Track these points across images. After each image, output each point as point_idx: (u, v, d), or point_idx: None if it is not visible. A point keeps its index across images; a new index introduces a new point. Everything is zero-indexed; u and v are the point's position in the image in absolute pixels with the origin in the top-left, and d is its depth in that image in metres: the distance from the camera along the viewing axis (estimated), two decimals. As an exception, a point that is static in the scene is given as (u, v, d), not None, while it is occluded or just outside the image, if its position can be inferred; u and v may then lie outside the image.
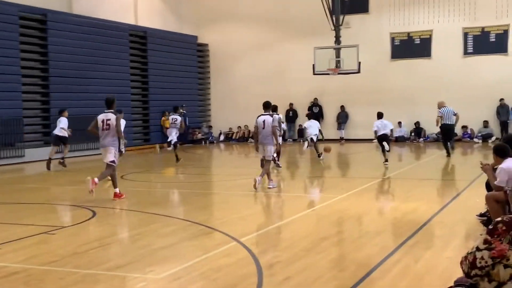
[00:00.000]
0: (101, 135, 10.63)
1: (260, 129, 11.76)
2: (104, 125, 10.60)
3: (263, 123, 11.75)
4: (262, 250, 6.66)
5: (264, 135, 11.74)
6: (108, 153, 10.61)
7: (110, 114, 10.67)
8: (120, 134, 10.71)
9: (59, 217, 9.31)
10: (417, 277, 5.64)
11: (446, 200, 10.21)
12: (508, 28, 23.98)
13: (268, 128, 11.67)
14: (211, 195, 12.07)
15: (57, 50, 20.45)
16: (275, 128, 11.73)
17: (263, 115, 11.92)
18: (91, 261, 6.37)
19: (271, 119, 11.76)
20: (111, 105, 10.85)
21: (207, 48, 29.18)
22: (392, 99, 25.24)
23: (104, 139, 10.62)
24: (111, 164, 10.65)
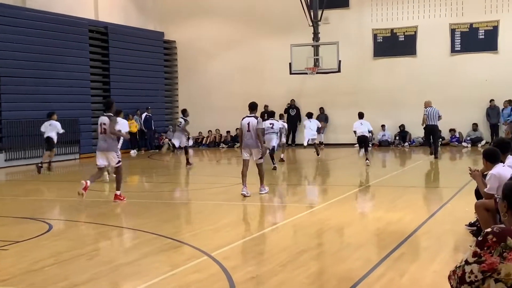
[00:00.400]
0: (99, 139, 11.55)
1: (244, 132, 12.06)
2: (101, 129, 11.41)
3: (247, 125, 12.01)
4: (235, 265, 6.65)
5: (248, 137, 12.02)
6: (111, 157, 11.53)
7: (105, 117, 11.45)
8: (115, 134, 11.55)
9: (11, 231, 9.16)
10: (402, 292, 5.69)
11: (433, 209, 10.34)
12: (498, 24, 24.43)
13: (253, 130, 11.96)
14: (179, 205, 12.01)
15: (8, 48, 20.15)
16: (259, 130, 12.02)
17: (248, 117, 12.16)
18: (47, 279, 6.28)
19: (255, 121, 12.04)
20: (110, 108, 11.70)
21: (174, 46, 29.11)
22: (375, 100, 25.51)
23: (103, 142, 11.48)
24: (118, 166, 11.62)
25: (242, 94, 27.55)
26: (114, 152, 11.50)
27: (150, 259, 7.14)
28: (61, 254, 7.37)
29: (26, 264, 6.89)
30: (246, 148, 12.08)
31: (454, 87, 24.67)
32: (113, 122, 11.38)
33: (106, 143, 11.43)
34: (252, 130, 11.97)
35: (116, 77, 24.91)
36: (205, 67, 28.35)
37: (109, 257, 7.19)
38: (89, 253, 7.47)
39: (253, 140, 12.00)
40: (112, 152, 11.48)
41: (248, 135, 12.00)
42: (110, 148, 11.47)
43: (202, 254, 7.18)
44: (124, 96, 25.07)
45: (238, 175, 16.12)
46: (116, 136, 11.64)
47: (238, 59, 27.62)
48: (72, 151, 22.59)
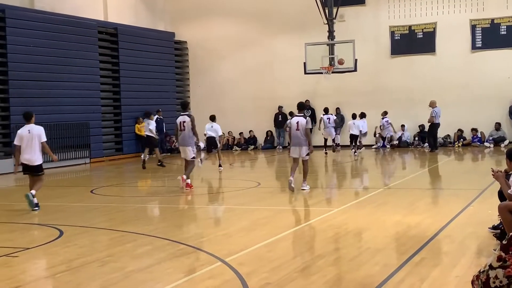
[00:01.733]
0: (179, 135, 13.93)
1: (293, 131, 13.12)
2: (181, 127, 13.85)
3: (296, 124, 13.08)
4: (250, 271, 6.67)
5: (297, 136, 13.07)
6: (188, 151, 13.84)
7: (185, 116, 13.89)
8: (196, 134, 13.97)
9: (22, 238, 9.25)
10: (423, 298, 5.67)
11: (454, 211, 10.29)
12: (520, 20, 24.25)
13: (302, 129, 13.00)
14: (192, 210, 12.06)
15: (17, 51, 20.35)
16: (308, 130, 13.11)
17: (297, 116, 13.21)
18: (58, 286, 6.34)
19: (304, 120, 13.08)
20: (186, 108, 14.35)
21: (185, 46, 29.22)
22: (393, 100, 25.42)
23: (182, 139, 13.87)
24: (192, 160, 13.99)
25: (255, 95, 27.65)
26: (190, 147, 13.80)
27: (163, 265, 7.18)
28: (72, 261, 7.43)
29: (37, 271, 6.97)
30: (295, 146, 13.11)
31: (476, 86, 24.52)
32: (193, 120, 13.80)
33: (184, 138, 13.80)
34: (301, 129, 12.96)
35: (126, 79, 25.05)
36: (217, 68, 28.43)
37: (121, 264, 7.24)
38: (101, 259, 7.53)
39: (301, 138, 12.99)
40: (189, 146, 13.80)
41: (297, 133, 13.02)
42: (188, 143, 13.80)
43: (216, 260, 7.20)
44: (134, 99, 25.22)
45: (251, 178, 16.20)
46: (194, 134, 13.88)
47: (250, 59, 27.66)
48: (82, 155, 22.73)
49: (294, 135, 13.10)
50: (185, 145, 13.82)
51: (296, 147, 13.08)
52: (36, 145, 11.43)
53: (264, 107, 27.59)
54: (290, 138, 13.34)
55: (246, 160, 23.71)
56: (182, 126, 13.79)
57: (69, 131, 22.04)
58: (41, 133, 11.55)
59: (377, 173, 17.13)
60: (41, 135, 11.52)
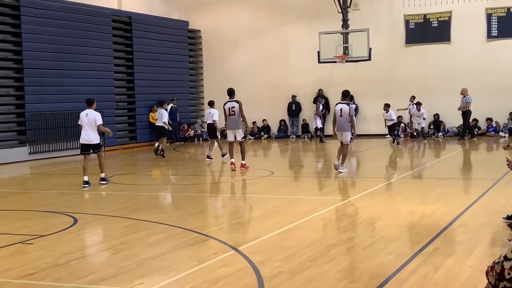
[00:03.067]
0: (229, 120, 15.34)
1: (337, 117, 14.27)
2: (230, 112, 15.31)
3: (340, 111, 14.21)
4: (263, 260, 6.68)
5: (340, 122, 14.21)
6: (238, 134, 15.40)
7: (234, 102, 15.36)
8: (244, 118, 15.50)
9: (36, 225, 9.33)
10: (437, 287, 5.66)
11: (468, 201, 10.23)
12: (537, 8, 23.97)
13: (345, 116, 14.12)
14: (206, 199, 12.09)
15: (31, 39, 20.45)
16: (352, 117, 14.26)
17: (341, 103, 14.30)
18: (72, 273, 6.39)
19: (347, 108, 14.19)
20: (232, 94, 15.61)
21: (199, 35, 29.19)
22: (407, 89, 25.25)
23: (232, 123, 15.33)
24: (242, 141, 15.54)
25: (268, 84, 27.61)
26: (240, 129, 15.32)
27: (176, 253, 7.21)
28: (86, 248, 7.49)
29: (52, 258, 7.02)
30: (339, 131, 14.28)
31: (491, 75, 24.30)
32: (241, 105, 15.28)
33: (235, 122, 15.28)
34: (344, 115, 14.09)
35: (140, 67, 25.09)
36: (230, 57, 28.39)
37: (135, 251, 7.28)
38: (115, 247, 7.57)
39: (344, 124, 14.13)
40: (239, 129, 15.33)
41: (340, 120, 14.17)
42: (238, 126, 15.30)
43: (229, 249, 7.22)
44: (148, 87, 25.26)
45: (264, 167, 16.20)
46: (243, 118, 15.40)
47: (264, 47, 27.58)
48: (96, 143, 22.79)
49: (337, 121, 14.27)
50: (236, 128, 15.32)
51: (340, 132, 14.28)
52: (93, 127, 13.08)
53: (278, 96, 27.55)
54: (334, 124, 14.52)
55: (259, 149, 23.70)
56: (231, 111, 15.25)
57: (83, 120, 22.09)
58: (97, 117, 13.10)
59: (392, 163, 17.07)
60: (96, 119, 13.08)
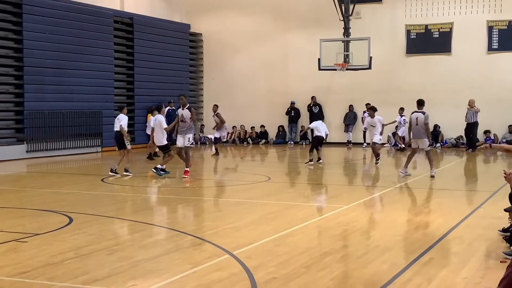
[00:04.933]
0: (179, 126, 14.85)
1: (413, 125, 14.74)
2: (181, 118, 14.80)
3: (416, 120, 14.68)
4: (257, 265, 6.67)
5: (417, 130, 14.65)
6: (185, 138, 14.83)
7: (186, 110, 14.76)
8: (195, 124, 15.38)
9: (31, 223, 9.31)
10: (430, 298, 5.65)
11: (464, 213, 10.24)
12: (538, 22, 24.03)
13: (421, 124, 14.57)
14: (201, 202, 12.08)
15: (33, 38, 20.45)
16: (427, 125, 14.69)
17: (417, 112, 14.83)
18: (66, 273, 6.37)
19: (423, 116, 14.63)
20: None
21: (200, 38, 29.23)
22: (407, 99, 25.17)
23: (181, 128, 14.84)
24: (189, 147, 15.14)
25: (268, 90, 27.65)
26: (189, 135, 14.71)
27: (170, 256, 7.20)
28: (81, 248, 7.47)
29: (46, 257, 7.00)
30: (415, 139, 14.76)
31: (490, 87, 24.36)
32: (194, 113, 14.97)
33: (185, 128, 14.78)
34: (420, 124, 14.55)
35: (140, 69, 25.10)
36: (231, 61, 28.42)
37: (129, 253, 7.27)
38: (109, 248, 7.56)
39: (420, 132, 14.58)
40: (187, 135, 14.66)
41: (417, 128, 14.61)
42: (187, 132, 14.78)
43: (223, 253, 7.21)
44: (148, 89, 25.27)
45: (262, 172, 16.19)
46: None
47: (265, 53, 27.63)
48: (94, 144, 22.83)
49: (414, 129, 14.73)
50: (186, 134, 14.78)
51: (416, 140, 14.75)
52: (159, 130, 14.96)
53: (277, 102, 27.57)
54: (410, 132, 14.91)
55: (257, 154, 23.71)
56: (182, 118, 14.74)
57: (82, 120, 22.16)
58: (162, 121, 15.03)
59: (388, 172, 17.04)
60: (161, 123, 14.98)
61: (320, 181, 15.32)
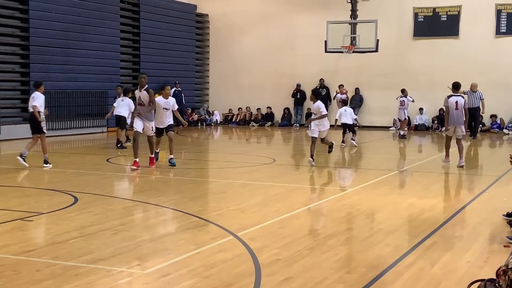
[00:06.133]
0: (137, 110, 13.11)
1: (452, 110, 13.50)
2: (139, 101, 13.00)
3: (455, 104, 13.47)
4: (261, 247, 6.69)
5: (457, 115, 13.45)
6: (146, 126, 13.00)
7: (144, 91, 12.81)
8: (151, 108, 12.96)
9: (36, 202, 9.36)
10: (433, 281, 5.67)
11: (469, 197, 10.23)
12: (547, 6, 23.82)
13: (461, 108, 13.49)
14: (206, 184, 12.11)
15: (39, 17, 20.40)
16: (466, 109, 13.65)
17: (454, 95, 13.64)
18: (71, 252, 6.41)
19: (463, 100, 13.61)
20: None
21: (207, 19, 29.09)
22: (413, 82, 25.16)
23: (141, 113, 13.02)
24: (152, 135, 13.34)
25: (274, 72, 27.55)
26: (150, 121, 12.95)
27: (175, 236, 7.23)
28: (86, 228, 7.51)
29: (51, 236, 7.04)
30: (453, 125, 13.56)
31: (497, 71, 24.20)
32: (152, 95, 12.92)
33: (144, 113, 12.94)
34: (460, 108, 13.46)
35: (146, 49, 25.05)
36: (237, 43, 28.31)
37: (133, 233, 7.30)
38: (114, 227, 7.59)
39: (460, 117, 13.45)
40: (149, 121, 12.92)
41: (457, 113, 13.45)
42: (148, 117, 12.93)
43: (227, 234, 7.24)
44: (154, 69, 25.20)
45: (267, 154, 16.19)
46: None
47: (271, 35, 27.50)
48: (99, 124, 22.86)
49: (454, 114, 13.45)
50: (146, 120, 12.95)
51: (454, 126, 13.52)
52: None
53: (283, 84, 27.50)
54: (449, 117, 13.56)
55: (262, 136, 23.70)
56: (140, 100, 12.89)
57: (88, 99, 22.17)
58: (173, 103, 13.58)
59: (393, 156, 17.05)
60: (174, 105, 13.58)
61: (324, 164, 15.31)
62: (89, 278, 5.59)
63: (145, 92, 12.81)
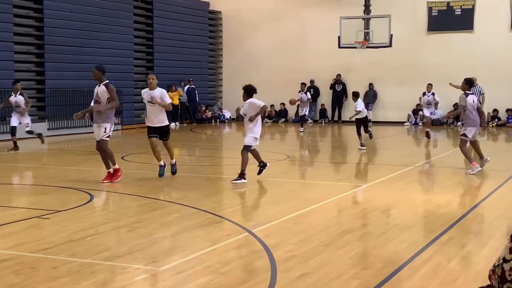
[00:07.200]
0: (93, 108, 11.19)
1: (472, 110, 11.85)
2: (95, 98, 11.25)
3: (473, 102, 11.92)
4: (276, 243, 6.68)
5: (475, 117, 11.88)
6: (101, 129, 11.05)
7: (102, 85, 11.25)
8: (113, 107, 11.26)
9: (53, 200, 9.40)
10: (450, 277, 5.63)
11: (485, 192, 10.15)
12: (563, -1, 23.56)
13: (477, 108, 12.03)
14: (221, 181, 12.11)
15: (53, 16, 20.51)
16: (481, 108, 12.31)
17: (470, 94, 12.00)
18: (88, 249, 6.44)
19: (477, 99, 12.24)
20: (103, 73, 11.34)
21: (219, 16, 29.09)
22: (427, 77, 24.90)
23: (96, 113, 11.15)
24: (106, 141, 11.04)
25: (287, 68, 27.49)
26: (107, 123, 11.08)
27: (190, 233, 7.24)
28: (102, 225, 7.54)
29: (67, 233, 7.08)
30: (474, 127, 11.96)
31: (513, 65, 23.98)
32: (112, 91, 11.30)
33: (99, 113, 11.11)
34: (476, 108, 11.99)
35: (160, 47, 25.10)
36: (250, 39, 28.28)
37: (149, 230, 7.32)
38: (129, 225, 7.61)
39: (477, 118, 11.98)
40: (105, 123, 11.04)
41: (476, 113, 11.92)
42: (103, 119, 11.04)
43: (242, 231, 7.23)
44: (167, 67, 25.29)
45: (281, 151, 16.17)
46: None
47: (284, 31, 27.44)
48: (114, 122, 22.91)
49: (475, 114, 11.92)
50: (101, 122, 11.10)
51: (477, 127, 12.08)
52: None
53: (296, 80, 27.35)
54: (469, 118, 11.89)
55: (276, 133, 23.66)
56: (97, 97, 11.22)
57: (102, 98, 22.22)
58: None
59: (408, 151, 16.95)
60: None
61: (339, 160, 15.26)
62: (105, 275, 5.61)
63: (103, 87, 11.14)
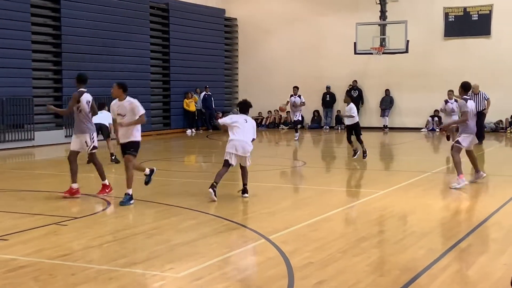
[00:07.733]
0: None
1: (472, 117, 11.34)
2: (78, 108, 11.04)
3: (472, 109, 11.44)
4: (293, 250, 6.68)
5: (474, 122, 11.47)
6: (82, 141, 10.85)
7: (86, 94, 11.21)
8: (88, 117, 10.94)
9: (71, 207, 9.47)
10: (468, 285, 5.59)
11: (504, 198, 10.06)
12: None
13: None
14: (237, 187, 12.10)
15: (71, 24, 20.70)
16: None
17: (468, 99, 11.48)
18: (105, 256, 6.47)
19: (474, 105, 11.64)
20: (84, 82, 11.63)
21: (235, 23, 29.18)
22: (444, 83, 24.71)
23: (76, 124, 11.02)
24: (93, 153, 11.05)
25: (303, 74, 27.47)
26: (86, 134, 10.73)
27: (207, 240, 7.25)
28: (119, 232, 7.58)
29: (85, 240, 7.12)
30: (472, 134, 11.38)
31: (531, 71, 23.78)
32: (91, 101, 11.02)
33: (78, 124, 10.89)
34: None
35: (176, 54, 25.21)
36: (266, 46, 28.33)
37: (166, 236, 7.34)
38: (147, 231, 7.65)
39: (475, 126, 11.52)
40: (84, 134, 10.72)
41: (473, 120, 11.44)
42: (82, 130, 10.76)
43: (259, 237, 7.23)
44: (183, 74, 25.41)
45: (298, 157, 16.13)
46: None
47: (300, 37, 27.44)
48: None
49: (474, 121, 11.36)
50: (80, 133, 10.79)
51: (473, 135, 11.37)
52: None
53: (312, 87, 27.38)
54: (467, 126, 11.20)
55: (292, 139, 23.64)
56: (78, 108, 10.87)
57: (119, 105, 22.35)
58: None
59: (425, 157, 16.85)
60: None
61: (355, 166, 15.21)
62: (123, 281, 5.64)
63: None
